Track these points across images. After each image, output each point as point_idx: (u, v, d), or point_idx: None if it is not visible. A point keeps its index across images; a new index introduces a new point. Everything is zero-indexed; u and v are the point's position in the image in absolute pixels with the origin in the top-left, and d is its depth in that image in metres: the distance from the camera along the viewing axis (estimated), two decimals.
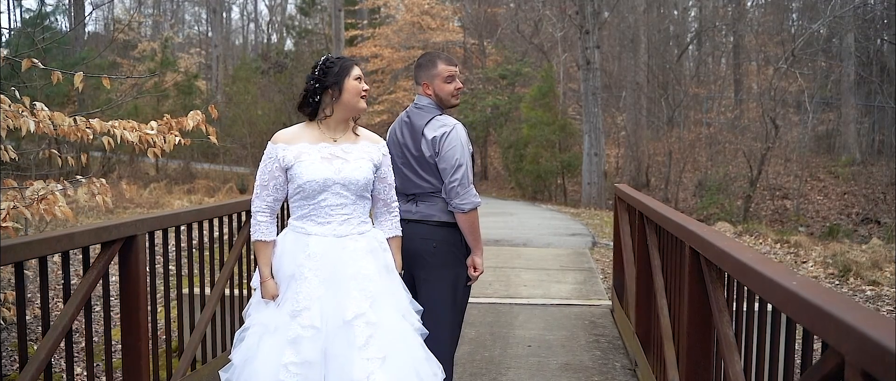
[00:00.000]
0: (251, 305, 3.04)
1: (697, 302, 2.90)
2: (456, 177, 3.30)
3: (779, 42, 23.33)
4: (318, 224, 2.93)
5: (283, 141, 2.96)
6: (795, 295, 1.71)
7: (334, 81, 2.94)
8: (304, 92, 3.00)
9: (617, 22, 27.74)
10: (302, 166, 2.90)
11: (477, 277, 3.50)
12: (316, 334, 2.80)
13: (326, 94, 2.95)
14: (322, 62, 2.99)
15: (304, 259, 2.89)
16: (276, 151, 2.95)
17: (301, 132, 2.99)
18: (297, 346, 2.79)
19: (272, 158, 2.96)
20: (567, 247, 10.39)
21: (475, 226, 3.40)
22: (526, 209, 17.98)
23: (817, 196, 22.24)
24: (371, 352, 2.80)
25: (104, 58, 28.93)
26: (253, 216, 3.02)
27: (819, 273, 9.50)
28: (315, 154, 2.93)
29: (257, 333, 2.90)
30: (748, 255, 2.26)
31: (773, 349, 2.27)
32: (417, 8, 28.25)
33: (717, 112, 26.52)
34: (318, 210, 2.93)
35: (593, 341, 5.31)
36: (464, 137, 3.36)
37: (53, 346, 2.89)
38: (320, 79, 2.95)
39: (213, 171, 26.06)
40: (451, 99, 3.45)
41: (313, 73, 2.99)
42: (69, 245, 2.94)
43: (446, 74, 3.42)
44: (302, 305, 2.83)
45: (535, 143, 23.97)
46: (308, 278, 2.87)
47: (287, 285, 2.92)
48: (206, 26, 42.26)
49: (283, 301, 2.91)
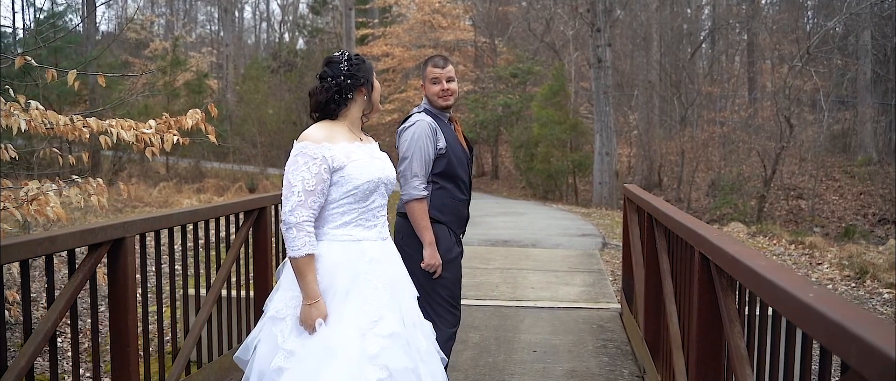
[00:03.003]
0: (282, 333, 2.67)
1: (707, 310, 2.76)
2: (400, 168, 3.53)
3: (794, 40, 23.06)
4: (366, 229, 2.78)
5: (327, 140, 2.69)
6: (812, 309, 1.56)
7: (366, 79, 2.81)
8: (331, 88, 2.76)
9: (629, 20, 27.53)
10: (356, 167, 2.72)
11: (431, 268, 3.57)
12: (398, 339, 2.66)
13: (359, 91, 2.80)
14: (348, 58, 2.81)
15: (364, 267, 2.71)
16: (322, 151, 2.66)
17: (335, 131, 2.76)
18: (380, 359, 2.58)
19: (318, 160, 2.64)
20: (576, 248, 10.23)
21: (415, 218, 3.56)
22: (536, 209, 17.81)
23: (833, 196, 21.94)
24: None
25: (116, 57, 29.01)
26: (296, 228, 2.61)
27: (834, 275, 9.30)
28: (362, 153, 2.78)
29: (313, 363, 2.56)
30: (761, 262, 2.11)
31: (788, 363, 2.12)
32: (428, 7, 28.12)
33: (731, 111, 26.27)
34: (367, 213, 2.78)
35: (601, 346, 5.17)
36: (419, 132, 3.56)
37: (35, 352, 2.78)
38: (353, 75, 2.78)
39: (222, 170, 26.04)
40: (437, 100, 3.65)
41: (341, 68, 2.78)
42: (51, 249, 2.83)
43: (431, 76, 3.65)
44: (376, 315, 2.65)
45: (546, 142, 23.79)
46: (377, 287, 2.70)
47: (342, 300, 2.65)
48: (218, 26, 42.30)
49: (340, 319, 2.63)
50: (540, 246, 10.41)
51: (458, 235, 3.76)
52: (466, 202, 3.79)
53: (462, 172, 3.71)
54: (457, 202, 3.71)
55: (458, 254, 3.73)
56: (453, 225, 3.70)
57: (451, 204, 3.68)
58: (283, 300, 2.73)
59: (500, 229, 12.38)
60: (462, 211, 3.76)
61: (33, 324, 2.85)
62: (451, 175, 3.66)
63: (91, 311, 3.19)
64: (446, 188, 3.67)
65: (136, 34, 32.40)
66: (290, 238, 2.62)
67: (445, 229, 3.65)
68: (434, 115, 3.69)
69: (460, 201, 3.73)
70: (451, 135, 3.70)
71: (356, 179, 2.70)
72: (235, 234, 4.53)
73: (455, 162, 3.65)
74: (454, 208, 3.70)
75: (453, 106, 3.80)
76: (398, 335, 2.66)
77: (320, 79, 2.81)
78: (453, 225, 3.70)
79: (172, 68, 25.44)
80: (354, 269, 2.69)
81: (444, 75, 3.65)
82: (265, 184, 22.64)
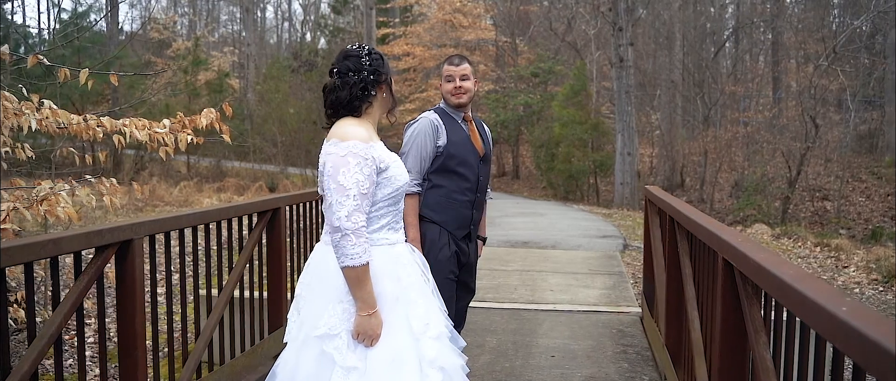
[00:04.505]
0: (339, 350, 2.47)
1: (730, 319, 2.63)
2: None
3: (819, 39, 22.68)
4: (396, 231, 2.68)
5: (371, 139, 2.54)
6: (846, 325, 1.45)
7: (387, 74, 2.66)
8: (356, 84, 2.57)
9: (651, 19, 27.28)
10: (398, 168, 2.61)
11: None
12: (446, 338, 2.62)
13: (381, 88, 2.63)
14: (369, 51, 2.64)
15: (404, 271, 2.62)
16: (372, 152, 2.49)
17: (369, 130, 2.59)
18: (437, 362, 2.53)
19: (369, 161, 2.47)
20: (597, 250, 10.09)
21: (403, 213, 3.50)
22: (556, 210, 17.67)
23: (859, 198, 21.56)
24: None
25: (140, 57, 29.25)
26: (354, 234, 2.42)
27: (862, 279, 9.10)
28: (392, 154, 2.67)
29: (378, 376, 2.47)
30: (788, 271, 1.99)
31: (817, 378, 2.00)
32: (449, 6, 28.06)
33: (755, 111, 25.92)
34: (398, 215, 2.69)
35: (621, 351, 5.05)
36: (419, 129, 3.59)
37: (39, 356, 2.72)
38: (376, 70, 2.61)
39: (243, 169, 26.14)
40: (451, 98, 3.63)
41: (362, 62, 2.60)
42: (55, 251, 2.76)
43: (446, 74, 3.65)
44: (426, 318, 2.57)
45: (566, 142, 23.62)
46: (421, 290, 2.64)
47: (392, 307, 2.54)
48: (240, 25, 42.50)
49: (394, 327, 2.53)
50: (560, 248, 10.28)
51: (456, 236, 3.64)
52: (470, 203, 3.67)
53: (467, 171, 3.62)
54: (454, 202, 3.61)
55: (449, 257, 3.60)
56: (449, 226, 3.60)
57: (446, 203, 3.59)
58: (335, 315, 2.51)
59: (519, 230, 12.26)
60: (462, 212, 3.64)
61: (39, 328, 2.80)
62: (450, 174, 3.58)
63: (98, 314, 3.13)
64: (442, 187, 3.58)
65: (158, 34, 32.65)
66: (349, 246, 2.41)
67: (437, 229, 3.57)
68: (447, 113, 3.62)
69: (459, 202, 3.62)
70: (460, 134, 3.61)
71: (398, 180, 2.60)
72: (248, 235, 4.47)
73: (457, 161, 3.57)
74: (450, 207, 3.60)
75: (471, 105, 3.74)
76: (444, 335, 2.62)
77: (339, 74, 2.61)
78: (449, 226, 3.60)
79: (193, 68, 25.59)
80: (397, 273, 2.60)
81: (458, 73, 3.61)
82: (285, 183, 22.68)
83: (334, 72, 2.63)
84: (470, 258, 3.73)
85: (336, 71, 2.62)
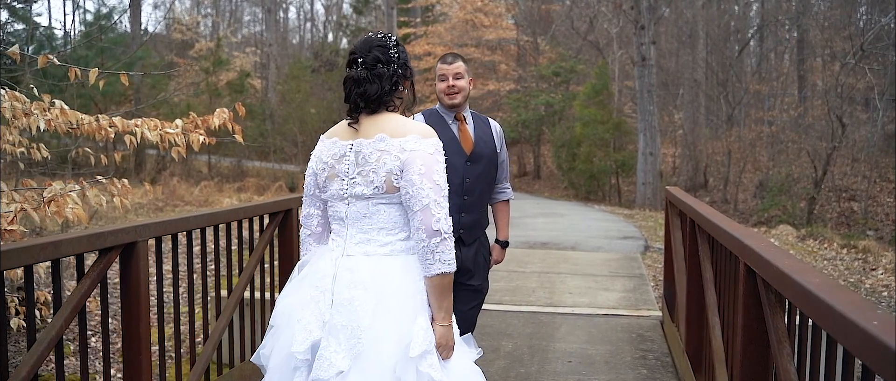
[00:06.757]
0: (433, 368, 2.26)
1: (752, 327, 2.51)
2: None
3: (846, 37, 22.25)
4: None
5: None
6: (876, 340, 1.33)
7: (411, 69, 2.49)
8: (388, 77, 2.38)
9: (674, 17, 26.97)
10: None
11: None
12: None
13: (406, 84, 2.46)
14: (396, 43, 2.43)
15: None
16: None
17: None
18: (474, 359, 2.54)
19: (443, 154, 2.36)
20: (617, 251, 9.94)
21: None
22: (577, 210, 17.49)
23: (887, 198, 21.12)
24: None
25: (162, 57, 29.45)
26: (450, 238, 2.28)
27: (890, 282, 8.86)
28: None
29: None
30: (814, 279, 1.87)
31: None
32: (470, 5, 27.92)
33: (780, 110, 25.53)
34: None
35: (640, 357, 4.92)
36: None
37: (39, 361, 2.66)
38: (406, 63, 2.44)
39: (263, 169, 26.20)
40: (444, 98, 3.48)
41: (391, 54, 2.40)
42: (55, 254, 2.70)
43: (439, 73, 3.50)
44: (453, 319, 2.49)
45: (588, 142, 23.41)
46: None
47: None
48: (262, 26, 42.64)
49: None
50: (580, 249, 10.14)
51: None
52: (455, 207, 3.31)
53: (450, 173, 3.42)
54: None
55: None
56: None
57: None
58: (423, 329, 2.29)
59: (539, 231, 12.13)
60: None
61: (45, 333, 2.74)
62: None
63: (101, 318, 3.08)
64: None
65: (181, 35, 32.85)
66: (447, 251, 2.26)
67: None
68: (439, 114, 3.49)
69: None
70: (446, 135, 3.36)
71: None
72: (259, 236, 4.40)
73: None
74: None
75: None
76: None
77: (367, 65, 2.38)
78: None
79: (215, 68, 25.69)
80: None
81: (452, 72, 3.42)
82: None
83: (359, 61, 2.40)
84: (464, 263, 3.42)
85: (362, 61, 2.39)
